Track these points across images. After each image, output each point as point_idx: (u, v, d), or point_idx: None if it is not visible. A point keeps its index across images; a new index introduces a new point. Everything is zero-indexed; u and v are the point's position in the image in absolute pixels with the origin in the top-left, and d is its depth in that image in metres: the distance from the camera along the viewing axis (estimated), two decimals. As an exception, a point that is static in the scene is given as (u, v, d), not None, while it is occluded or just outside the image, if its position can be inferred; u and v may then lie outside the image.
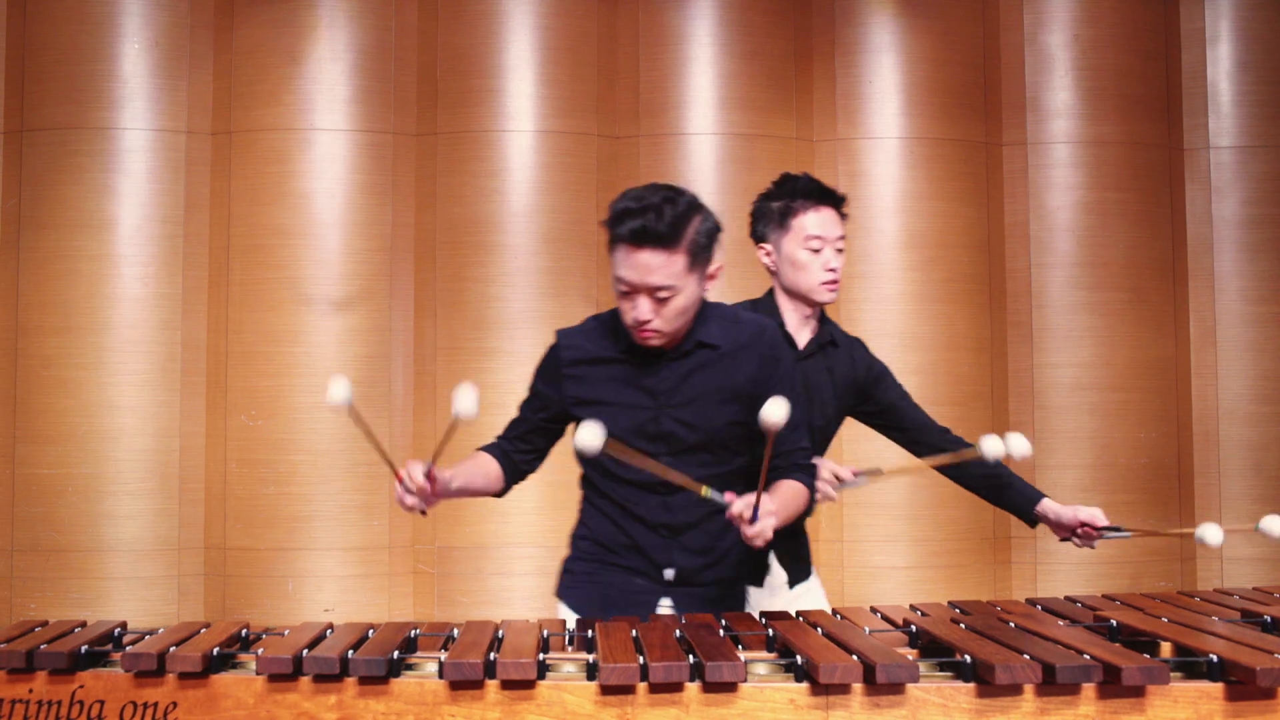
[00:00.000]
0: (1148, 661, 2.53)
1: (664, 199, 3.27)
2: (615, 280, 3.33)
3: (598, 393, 3.46)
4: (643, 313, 3.27)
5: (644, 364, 3.43)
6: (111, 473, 6.80)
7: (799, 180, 4.03)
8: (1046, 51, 7.34)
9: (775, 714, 2.56)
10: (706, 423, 3.43)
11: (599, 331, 3.52)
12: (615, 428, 3.34)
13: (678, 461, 3.38)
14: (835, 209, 3.97)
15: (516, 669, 2.58)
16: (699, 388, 3.43)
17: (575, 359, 3.50)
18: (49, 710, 2.65)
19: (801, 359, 3.89)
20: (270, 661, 2.61)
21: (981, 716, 2.55)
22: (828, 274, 3.93)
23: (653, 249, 3.23)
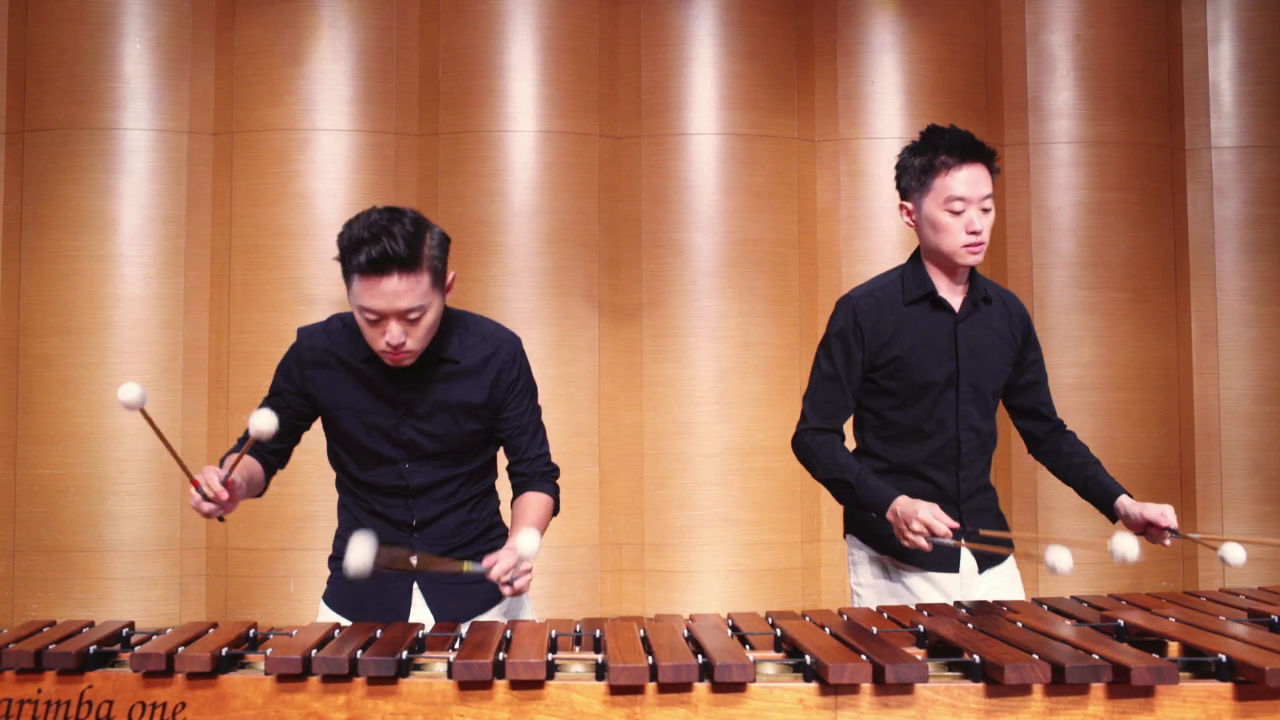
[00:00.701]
0: (1157, 661, 2.53)
1: (391, 221, 3.28)
2: (360, 310, 3.29)
3: (340, 397, 3.49)
4: (395, 337, 3.28)
5: (386, 373, 3.46)
6: (113, 473, 6.80)
7: (944, 135, 3.74)
8: (1048, 52, 7.34)
9: (784, 714, 2.56)
10: (447, 433, 3.50)
11: (343, 334, 3.53)
12: (358, 432, 3.46)
13: (419, 466, 3.48)
14: (985, 165, 3.71)
15: (526, 669, 2.58)
16: (440, 400, 3.48)
17: (316, 360, 3.54)
18: (57, 710, 2.65)
19: (960, 320, 3.78)
20: (279, 662, 2.61)
21: (990, 716, 2.55)
22: (970, 236, 3.68)
23: (398, 274, 3.23)
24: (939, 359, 3.75)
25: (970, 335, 3.77)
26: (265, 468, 3.65)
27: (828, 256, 7.23)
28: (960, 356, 3.75)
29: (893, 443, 3.82)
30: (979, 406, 3.81)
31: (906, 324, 3.77)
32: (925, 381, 3.75)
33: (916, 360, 3.74)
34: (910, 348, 3.75)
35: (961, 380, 3.75)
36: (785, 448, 7.04)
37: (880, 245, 7.16)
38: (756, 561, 7.02)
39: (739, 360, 7.01)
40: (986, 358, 3.80)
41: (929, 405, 3.76)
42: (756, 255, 7.11)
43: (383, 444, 3.47)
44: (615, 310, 7.07)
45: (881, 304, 3.80)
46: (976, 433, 3.81)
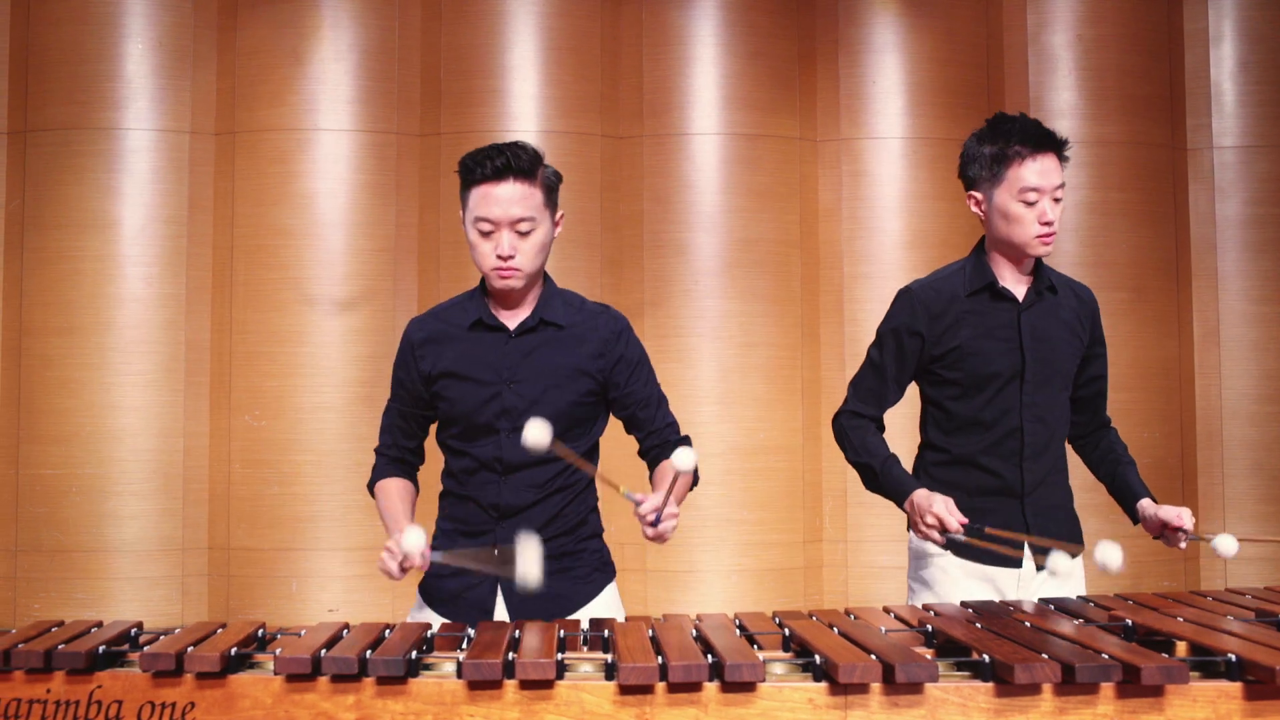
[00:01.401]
0: (1167, 661, 2.53)
1: (514, 144, 3.46)
2: (475, 222, 3.41)
3: (446, 364, 3.54)
4: (505, 248, 3.38)
5: (489, 339, 3.52)
6: (115, 473, 6.80)
7: (1015, 123, 3.71)
8: (1050, 51, 7.35)
9: (794, 714, 2.56)
10: (548, 399, 3.51)
11: (448, 311, 3.63)
12: (462, 397, 3.50)
13: (516, 439, 3.41)
14: (1057, 154, 3.68)
15: (535, 669, 2.58)
16: (542, 365, 3.51)
17: (423, 339, 3.60)
18: (67, 710, 2.65)
19: (1024, 310, 3.74)
20: (289, 661, 2.61)
21: (1000, 716, 2.55)
22: (1043, 227, 3.65)
23: (514, 180, 3.38)
24: (1003, 349, 3.73)
25: (1035, 324, 3.75)
26: (410, 472, 3.73)
27: (830, 256, 7.23)
28: (1025, 346, 3.72)
29: (954, 434, 3.81)
30: (1046, 397, 3.78)
31: (967, 314, 3.74)
32: (988, 372, 3.73)
33: (978, 350, 3.72)
34: (971, 338, 3.73)
35: (1028, 370, 3.73)
36: (788, 447, 7.07)
37: (882, 245, 7.16)
38: (758, 561, 7.02)
39: (741, 360, 7.02)
40: (1054, 347, 3.77)
41: (991, 395, 3.74)
42: (758, 255, 7.11)
43: (484, 410, 3.49)
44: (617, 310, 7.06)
45: (942, 295, 3.78)
46: (1044, 424, 3.78)
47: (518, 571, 2.97)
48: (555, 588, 3.43)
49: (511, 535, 3.41)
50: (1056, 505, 3.86)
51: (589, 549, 3.65)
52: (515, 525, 3.46)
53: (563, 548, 3.56)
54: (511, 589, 3.44)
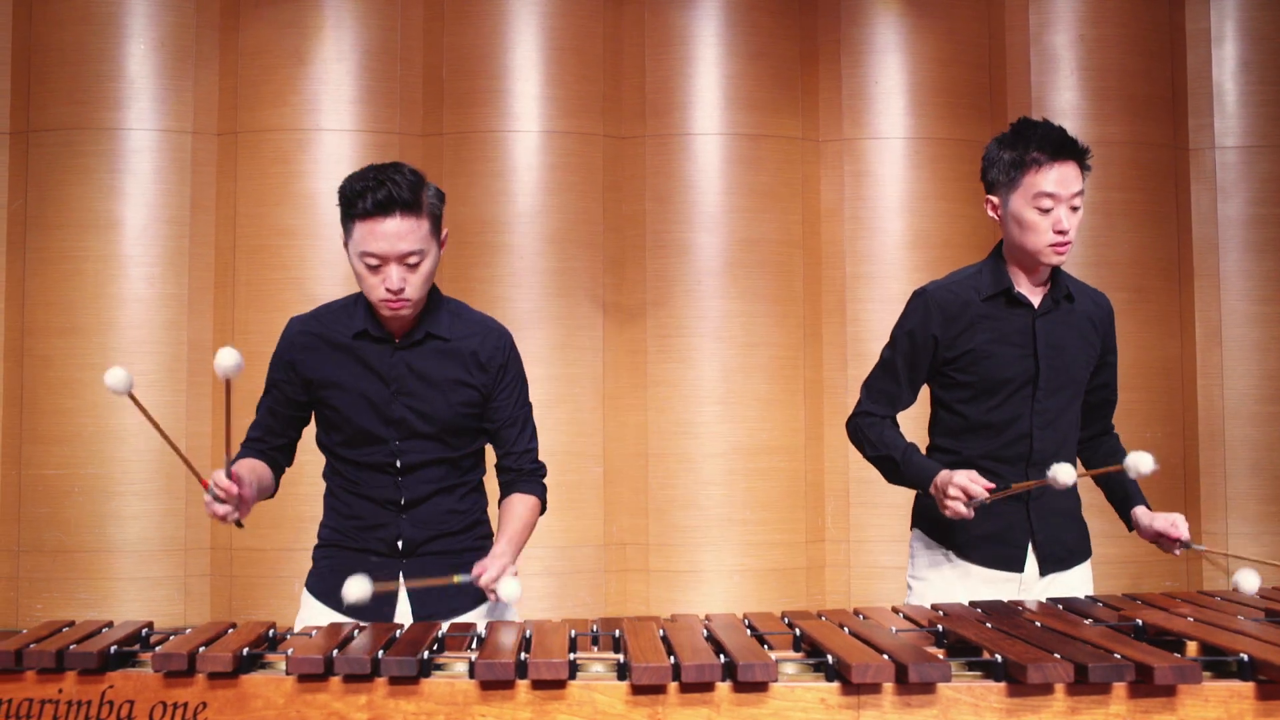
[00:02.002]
0: (1179, 661, 2.53)
1: (391, 169, 3.39)
2: (361, 257, 3.36)
3: (332, 374, 3.52)
4: (395, 282, 3.33)
5: (377, 350, 3.51)
6: (118, 473, 6.80)
7: (1036, 129, 3.65)
8: (1052, 51, 7.35)
9: (806, 713, 2.56)
10: (437, 412, 3.52)
11: (331, 316, 3.59)
12: (350, 408, 3.49)
13: (410, 444, 3.50)
14: (1078, 162, 3.62)
15: (548, 669, 2.58)
16: (431, 377, 3.52)
17: (306, 344, 3.56)
18: (78, 710, 2.65)
19: (1038, 316, 3.72)
20: (301, 662, 2.61)
21: (1012, 716, 2.55)
22: (1057, 236, 3.59)
23: (400, 215, 3.31)
24: (1017, 355, 3.71)
25: (1050, 332, 3.73)
26: (273, 467, 3.67)
27: (832, 257, 7.23)
28: (1040, 354, 3.70)
29: (962, 436, 3.79)
30: (1058, 404, 3.76)
31: (982, 319, 3.73)
32: (1002, 377, 3.71)
33: (991, 355, 3.71)
34: (986, 342, 3.71)
35: (1041, 377, 3.71)
36: (790, 448, 7.07)
37: (885, 245, 7.17)
38: (761, 562, 7.02)
39: (743, 360, 7.02)
40: (1068, 355, 3.76)
41: (1002, 400, 3.73)
42: (760, 255, 7.11)
43: (374, 421, 3.49)
44: (619, 310, 7.07)
45: (957, 298, 3.76)
46: (1054, 430, 3.76)
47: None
48: (445, 589, 3.49)
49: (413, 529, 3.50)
50: (1062, 511, 3.84)
51: (485, 549, 3.61)
52: (418, 519, 3.52)
53: (462, 544, 3.59)
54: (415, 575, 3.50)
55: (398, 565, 3.51)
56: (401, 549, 3.51)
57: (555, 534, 6.76)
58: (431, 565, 3.52)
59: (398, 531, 3.51)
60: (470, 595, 3.53)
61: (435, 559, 3.54)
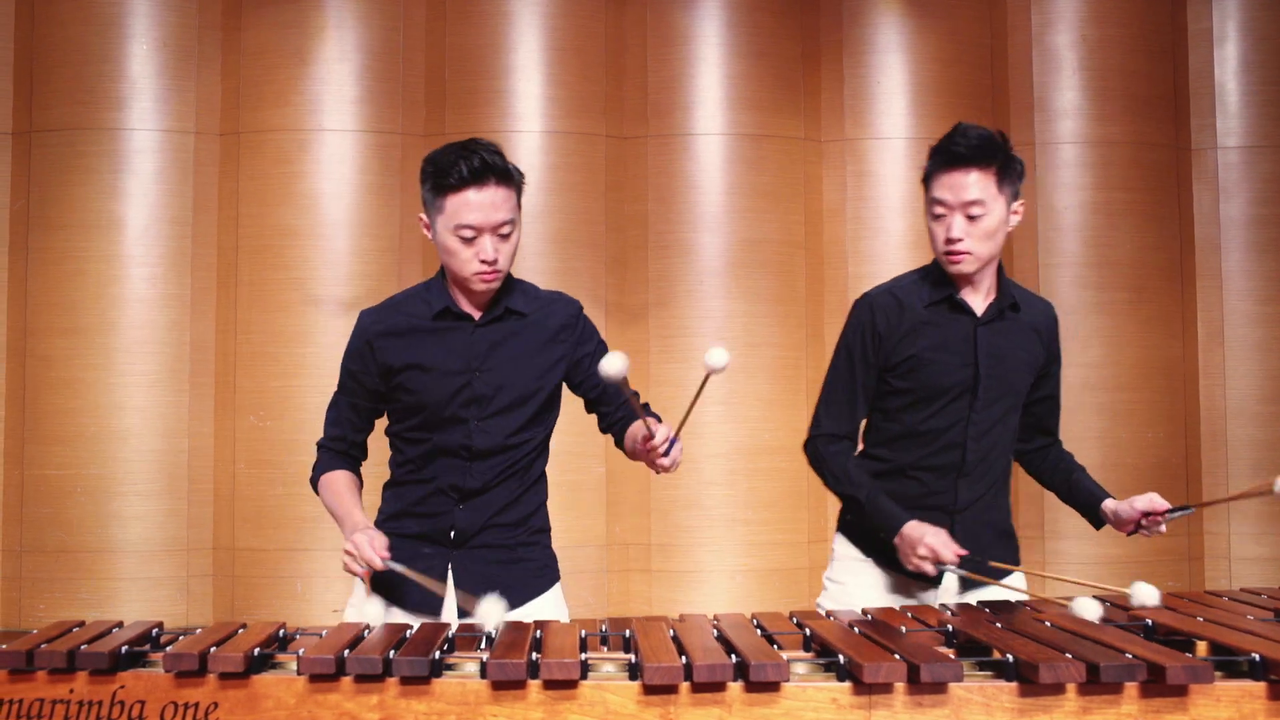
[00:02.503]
0: (1192, 661, 2.53)
1: (478, 144, 3.37)
2: (456, 230, 3.32)
3: (411, 357, 3.51)
4: (489, 252, 3.32)
5: (453, 330, 3.50)
6: (120, 473, 6.80)
7: (947, 136, 3.52)
8: (1054, 52, 7.36)
9: (818, 713, 2.56)
10: (515, 385, 3.51)
11: (406, 304, 3.57)
12: (429, 389, 3.47)
13: (486, 425, 3.48)
14: (977, 168, 3.45)
15: (560, 669, 2.57)
16: (509, 353, 3.50)
17: (382, 331, 3.54)
18: (89, 710, 2.65)
19: (980, 324, 3.61)
20: (313, 662, 2.60)
21: (1024, 715, 2.55)
22: (946, 244, 3.50)
23: (496, 184, 3.32)
24: (958, 362, 3.61)
25: (992, 341, 3.62)
26: (356, 466, 3.68)
27: (834, 257, 7.24)
28: (981, 362, 3.60)
29: (894, 443, 3.71)
30: (994, 415, 3.65)
31: (924, 324, 3.64)
32: (941, 385, 3.62)
33: (932, 361, 3.62)
34: (927, 348, 3.62)
35: (980, 386, 3.61)
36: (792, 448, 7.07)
37: (887, 245, 7.17)
38: (763, 561, 7.02)
39: (745, 361, 7.02)
40: (1009, 365, 3.65)
41: (939, 408, 3.64)
42: (763, 256, 7.12)
43: (453, 401, 3.46)
44: (622, 310, 7.07)
45: (900, 302, 3.66)
46: (988, 440, 3.66)
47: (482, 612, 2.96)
48: (507, 578, 3.48)
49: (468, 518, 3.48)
50: (989, 523, 3.73)
51: (540, 543, 3.63)
52: (475, 508, 3.50)
53: (517, 538, 3.57)
54: (465, 568, 3.49)
55: (448, 556, 3.50)
56: (454, 539, 3.50)
57: (557, 534, 6.69)
58: (481, 559, 3.52)
59: (451, 521, 3.50)
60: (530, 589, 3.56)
61: (486, 551, 3.53)
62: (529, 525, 3.60)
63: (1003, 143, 3.53)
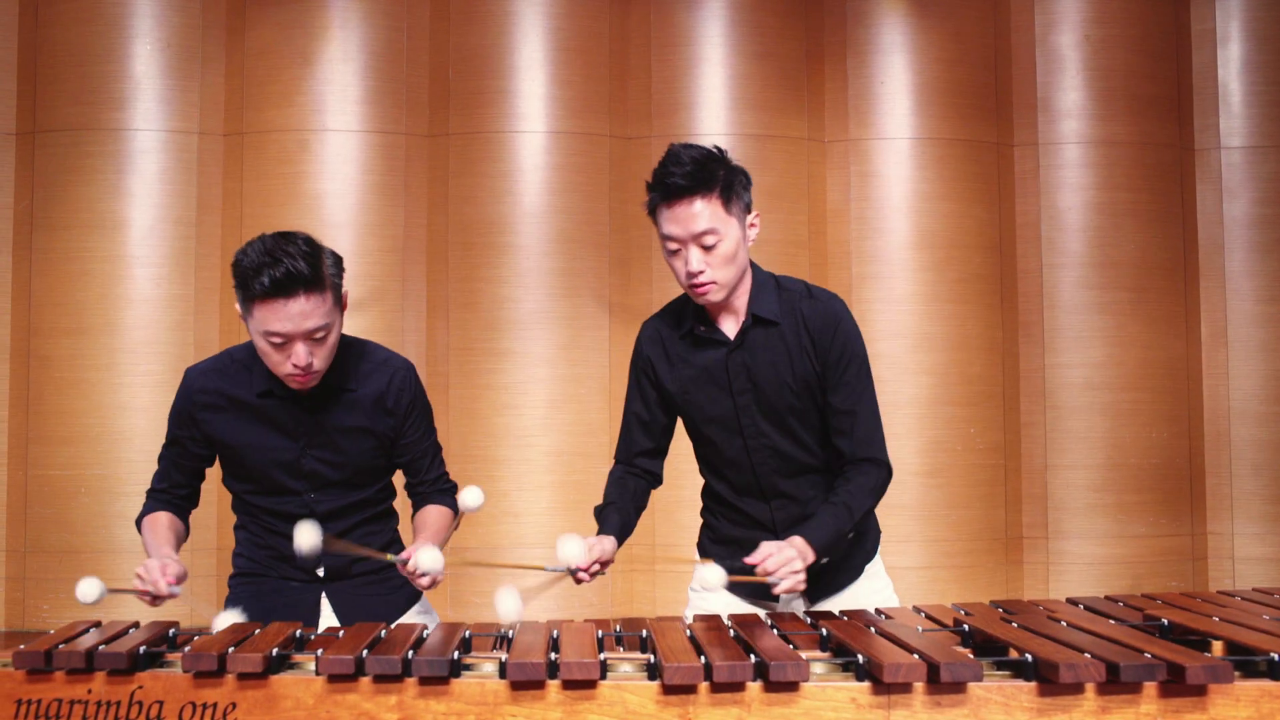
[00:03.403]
0: (1212, 660, 2.53)
1: (286, 243, 3.22)
2: (265, 335, 3.22)
3: (239, 436, 3.46)
4: (302, 358, 3.23)
5: (283, 407, 3.43)
6: (124, 474, 6.79)
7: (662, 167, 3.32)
8: (1057, 52, 7.36)
9: (837, 713, 2.56)
10: (348, 461, 3.49)
11: (233, 370, 3.48)
12: (260, 466, 3.44)
13: (323, 495, 3.47)
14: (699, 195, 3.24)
15: (580, 669, 2.57)
16: (339, 428, 3.46)
17: (209, 403, 3.48)
18: (108, 710, 2.64)
19: (732, 350, 3.41)
20: (332, 662, 2.60)
21: (1043, 715, 2.55)
22: (689, 278, 3.29)
23: (304, 294, 3.17)
24: (714, 393, 3.48)
25: (746, 364, 3.44)
26: (183, 514, 3.66)
27: (838, 257, 7.24)
28: (735, 390, 3.45)
29: (710, 472, 3.64)
30: (776, 433, 3.47)
31: (680, 356, 3.51)
32: (706, 416, 3.50)
33: (693, 394, 3.50)
34: (686, 382, 3.50)
35: (741, 413, 3.46)
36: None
37: (890, 246, 7.17)
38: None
39: (749, 361, 7.00)
40: (771, 383, 3.44)
41: (721, 439, 3.51)
42: (767, 256, 7.02)
43: (285, 477, 3.45)
44: (625, 310, 7.07)
45: (662, 334, 3.55)
46: (781, 459, 3.49)
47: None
48: (382, 595, 3.55)
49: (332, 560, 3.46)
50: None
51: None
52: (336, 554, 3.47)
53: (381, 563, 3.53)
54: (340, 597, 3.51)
55: (319, 588, 3.52)
56: (324, 575, 3.51)
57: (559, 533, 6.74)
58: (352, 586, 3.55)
59: (318, 561, 3.47)
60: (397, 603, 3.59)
61: (356, 579, 3.55)
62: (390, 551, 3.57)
63: (720, 160, 3.33)
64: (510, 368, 6.98)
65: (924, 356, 7.10)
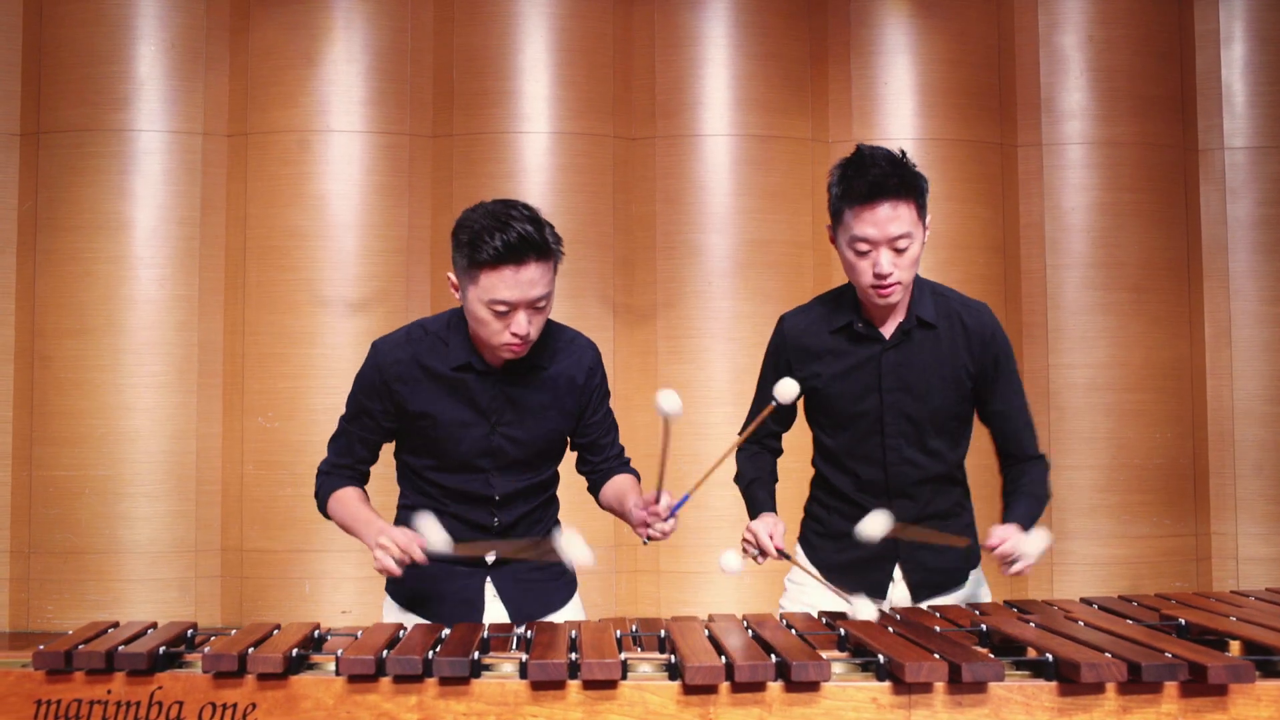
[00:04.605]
0: (1233, 660, 2.53)
1: (515, 210, 3.22)
2: (489, 304, 3.19)
3: (430, 406, 3.43)
4: (522, 327, 3.21)
5: (477, 381, 3.42)
6: (128, 475, 6.79)
7: (860, 166, 3.37)
8: (1061, 53, 7.37)
9: (858, 713, 2.56)
10: (534, 439, 3.47)
11: (427, 342, 3.46)
12: (448, 440, 3.42)
13: (504, 474, 3.46)
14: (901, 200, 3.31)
15: (601, 669, 2.57)
16: (527, 404, 3.45)
17: (402, 374, 3.44)
18: (127, 711, 2.64)
19: (887, 349, 3.51)
20: (352, 662, 2.60)
21: (1063, 715, 2.55)
22: (876, 280, 3.34)
23: (534, 261, 3.17)
24: (861, 390, 3.53)
25: (900, 364, 3.53)
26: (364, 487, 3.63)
27: (841, 258, 7.23)
28: (884, 388, 3.52)
29: (830, 465, 3.67)
30: (913, 439, 3.55)
31: (830, 350, 3.56)
32: (849, 412, 3.55)
33: (837, 390, 3.55)
34: (831, 377, 3.55)
35: (886, 413, 3.52)
36: (800, 449, 7.08)
37: (895, 246, 7.17)
38: (769, 562, 7.01)
39: (753, 361, 6.93)
40: (921, 384, 3.53)
41: (857, 435, 3.57)
42: (770, 256, 7.12)
43: (472, 453, 3.42)
44: (630, 311, 7.07)
45: (808, 329, 3.60)
46: (913, 466, 3.56)
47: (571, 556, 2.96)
48: (537, 589, 3.55)
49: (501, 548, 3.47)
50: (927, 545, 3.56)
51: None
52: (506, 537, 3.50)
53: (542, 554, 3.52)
54: (504, 582, 3.50)
55: (484, 574, 3.51)
56: (491, 562, 3.49)
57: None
58: (514, 571, 3.53)
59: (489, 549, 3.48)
60: (559, 595, 3.61)
61: (519, 567, 3.54)
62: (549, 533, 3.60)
63: (912, 165, 3.41)
64: (514, 368, 6.98)
65: (928, 357, 7.11)
